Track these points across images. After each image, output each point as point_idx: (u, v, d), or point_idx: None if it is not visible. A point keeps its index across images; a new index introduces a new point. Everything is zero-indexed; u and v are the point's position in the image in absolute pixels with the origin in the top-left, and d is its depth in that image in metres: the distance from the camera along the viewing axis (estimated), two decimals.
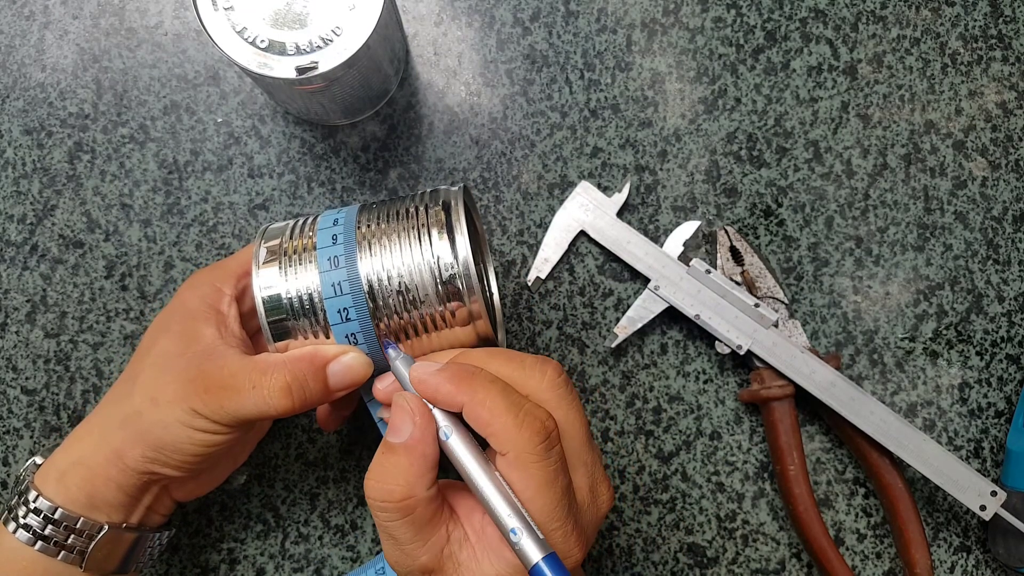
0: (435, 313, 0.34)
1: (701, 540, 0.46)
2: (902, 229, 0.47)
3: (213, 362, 0.34)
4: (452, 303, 0.34)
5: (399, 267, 0.34)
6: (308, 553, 0.45)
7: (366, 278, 0.34)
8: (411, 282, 0.34)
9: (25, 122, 0.47)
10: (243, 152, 0.47)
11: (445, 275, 0.34)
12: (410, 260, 0.34)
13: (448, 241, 0.34)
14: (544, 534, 0.29)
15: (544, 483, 0.29)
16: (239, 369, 0.34)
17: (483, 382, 0.30)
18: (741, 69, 0.48)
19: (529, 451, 0.28)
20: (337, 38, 0.37)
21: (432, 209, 0.35)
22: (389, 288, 0.34)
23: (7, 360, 0.46)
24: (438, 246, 0.34)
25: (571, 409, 0.31)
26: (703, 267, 0.44)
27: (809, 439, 0.46)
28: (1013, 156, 0.47)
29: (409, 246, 0.34)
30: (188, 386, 0.34)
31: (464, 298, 0.34)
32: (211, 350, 0.35)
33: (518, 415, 0.29)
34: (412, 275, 0.34)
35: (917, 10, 0.48)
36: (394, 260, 0.34)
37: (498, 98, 0.47)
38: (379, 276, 0.34)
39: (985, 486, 0.42)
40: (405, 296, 0.34)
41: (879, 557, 0.46)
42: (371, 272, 0.34)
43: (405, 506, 0.29)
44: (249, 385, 0.33)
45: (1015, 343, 0.47)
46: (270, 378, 0.33)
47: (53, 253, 0.46)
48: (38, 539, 0.35)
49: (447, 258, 0.34)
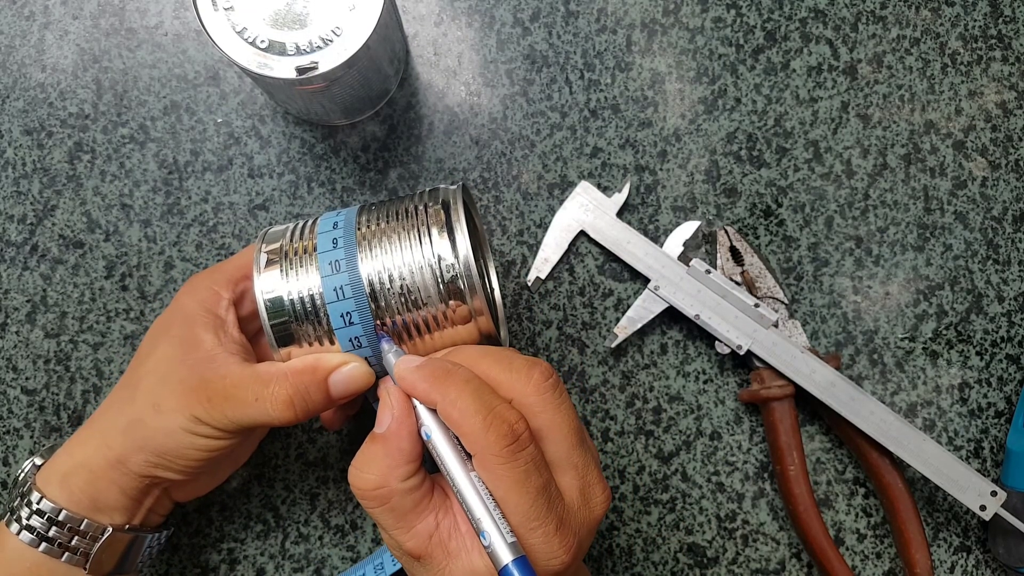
0: (437, 312, 0.34)
1: (701, 540, 0.46)
2: (902, 229, 0.47)
3: (214, 371, 0.34)
4: (454, 302, 0.34)
5: (400, 267, 0.34)
6: (308, 553, 0.45)
7: (367, 280, 0.34)
8: (412, 282, 0.34)
9: (25, 122, 0.47)
10: (243, 152, 0.47)
11: (446, 274, 0.34)
12: (411, 259, 0.34)
13: (448, 240, 0.34)
14: (522, 535, 0.29)
15: (513, 484, 0.29)
16: (241, 380, 0.34)
17: (456, 382, 0.30)
18: (741, 69, 0.48)
19: (495, 453, 0.29)
20: (337, 38, 0.37)
21: (431, 208, 0.35)
22: (391, 289, 0.34)
23: (7, 360, 0.46)
24: (439, 245, 0.34)
25: (557, 412, 0.31)
26: (703, 267, 0.44)
27: (809, 439, 0.46)
28: (1013, 156, 0.47)
29: (409, 246, 0.34)
30: (190, 395, 0.34)
31: (466, 297, 0.34)
32: (211, 357, 0.35)
33: (487, 417, 0.29)
34: (413, 275, 0.34)
35: (917, 10, 0.48)
36: (395, 260, 0.34)
37: (498, 98, 0.47)
38: (380, 277, 0.34)
39: (985, 486, 0.42)
40: (407, 296, 0.34)
41: (879, 557, 0.46)
42: (372, 273, 0.34)
43: (379, 495, 0.30)
44: (252, 397, 0.33)
45: (1015, 343, 0.47)
46: (272, 390, 0.33)
47: (53, 253, 0.46)
48: (42, 540, 0.35)
49: (448, 257, 0.34)
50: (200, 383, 0.34)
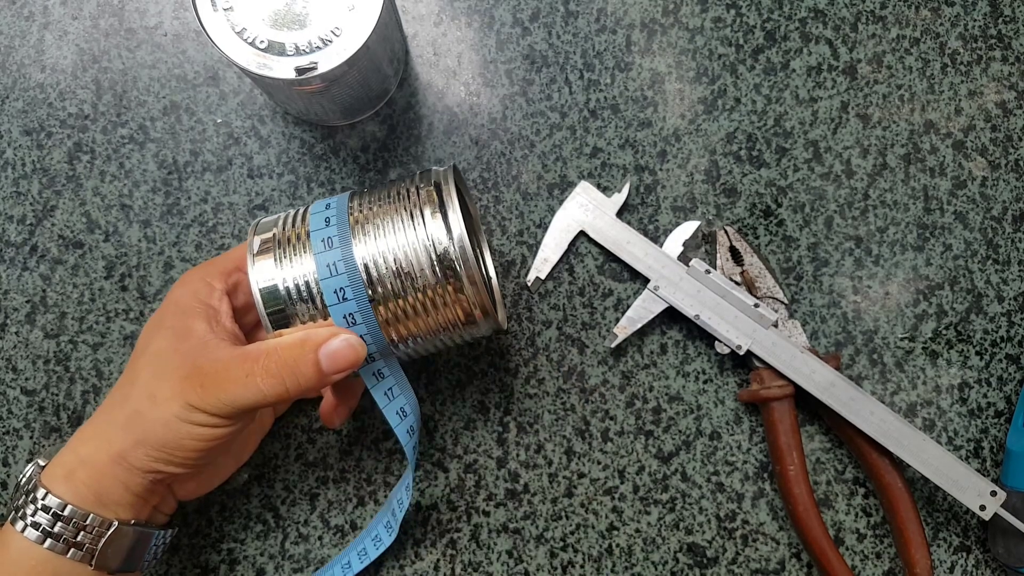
0: (433, 293, 0.34)
1: (701, 540, 0.46)
2: (902, 229, 0.47)
3: (205, 356, 0.35)
4: (449, 282, 0.34)
5: (393, 248, 0.34)
6: (308, 553, 0.45)
7: (361, 260, 0.34)
8: (406, 262, 0.34)
9: (25, 123, 0.47)
10: (243, 152, 0.47)
11: (440, 252, 0.34)
12: (404, 240, 0.34)
13: (441, 219, 0.34)
14: None
15: None
16: (230, 359, 0.34)
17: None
18: (741, 69, 0.48)
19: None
20: (336, 39, 0.37)
21: (424, 189, 0.35)
22: (385, 269, 0.34)
23: (7, 361, 0.46)
24: (432, 225, 0.34)
25: None
26: (703, 267, 0.44)
27: (809, 439, 0.46)
28: (1013, 156, 0.47)
29: (403, 226, 0.34)
30: (183, 382, 0.34)
31: (461, 276, 0.34)
32: (203, 344, 0.35)
33: None
34: (407, 255, 0.34)
35: (917, 10, 0.48)
36: (388, 242, 0.34)
37: (497, 98, 0.47)
38: (374, 258, 0.34)
39: (985, 486, 0.42)
40: (402, 278, 0.34)
41: (879, 557, 0.46)
42: (366, 255, 0.34)
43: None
44: (242, 374, 0.34)
45: (1015, 343, 0.47)
46: (261, 365, 0.34)
47: (53, 254, 0.46)
48: (47, 537, 0.35)
49: (441, 236, 0.34)
50: (193, 370, 0.34)
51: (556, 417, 0.46)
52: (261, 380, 0.34)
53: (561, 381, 0.46)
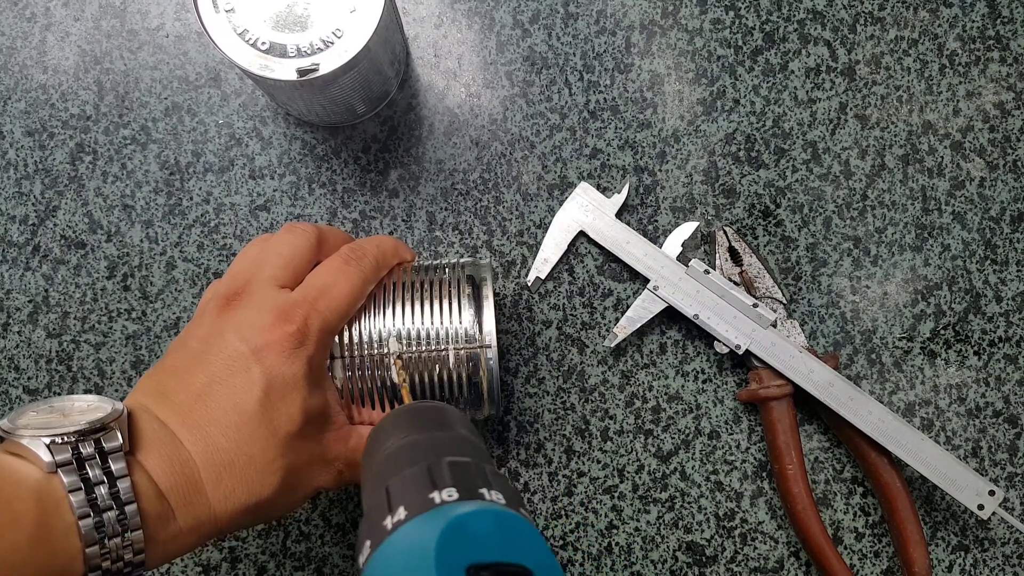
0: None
1: (700, 539, 0.46)
2: (900, 229, 0.47)
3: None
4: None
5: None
6: (309, 552, 0.45)
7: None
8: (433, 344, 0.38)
9: (27, 123, 0.47)
10: (244, 153, 0.47)
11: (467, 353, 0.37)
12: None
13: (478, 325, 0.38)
14: None
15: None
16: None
17: None
18: (739, 70, 0.48)
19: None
20: (338, 40, 0.37)
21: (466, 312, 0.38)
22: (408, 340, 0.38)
23: (9, 360, 0.46)
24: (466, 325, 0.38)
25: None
26: (702, 267, 0.44)
27: (807, 438, 0.46)
28: (1011, 156, 0.48)
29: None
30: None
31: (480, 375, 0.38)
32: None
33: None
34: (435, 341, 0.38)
35: (915, 11, 0.48)
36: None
37: (498, 100, 0.47)
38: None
39: (983, 485, 0.43)
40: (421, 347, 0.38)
41: (877, 556, 0.46)
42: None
43: None
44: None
45: (1012, 343, 0.47)
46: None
47: (55, 254, 0.47)
48: None
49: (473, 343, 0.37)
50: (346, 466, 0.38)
51: (556, 416, 0.46)
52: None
53: (561, 381, 0.46)
